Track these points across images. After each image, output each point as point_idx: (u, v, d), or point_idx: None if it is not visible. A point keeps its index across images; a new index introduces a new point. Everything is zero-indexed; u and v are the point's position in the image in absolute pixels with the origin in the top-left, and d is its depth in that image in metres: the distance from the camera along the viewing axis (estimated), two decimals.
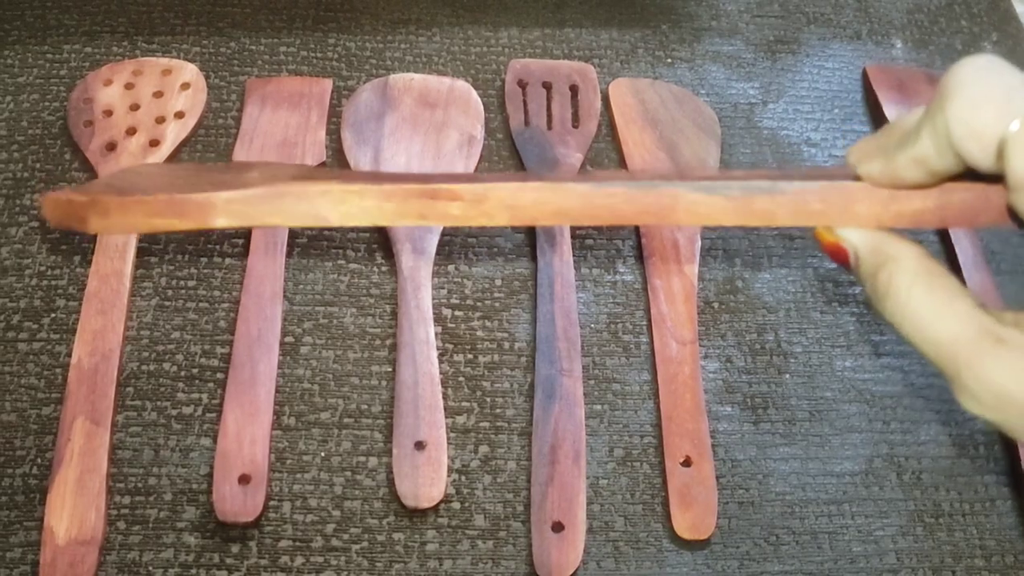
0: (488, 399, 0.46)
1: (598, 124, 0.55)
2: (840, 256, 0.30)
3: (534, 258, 0.50)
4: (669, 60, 0.60)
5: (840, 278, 0.51)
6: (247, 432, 0.42)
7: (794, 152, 0.56)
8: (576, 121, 0.55)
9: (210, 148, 0.53)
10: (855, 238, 0.29)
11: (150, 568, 0.40)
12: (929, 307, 0.27)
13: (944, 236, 0.52)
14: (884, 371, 0.49)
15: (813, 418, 0.47)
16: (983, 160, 0.25)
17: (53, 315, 0.46)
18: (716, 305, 0.50)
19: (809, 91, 0.60)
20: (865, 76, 0.60)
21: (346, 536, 0.42)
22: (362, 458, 0.43)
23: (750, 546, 0.43)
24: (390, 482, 0.43)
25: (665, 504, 0.43)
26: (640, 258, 0.50)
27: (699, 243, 0.50)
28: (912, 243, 0.28)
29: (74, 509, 0.40)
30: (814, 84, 0.60)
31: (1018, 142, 0.24)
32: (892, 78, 0.59)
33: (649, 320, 0.48)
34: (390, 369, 0.46)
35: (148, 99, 0.53)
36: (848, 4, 0.64)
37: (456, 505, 0.43)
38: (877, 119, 0.58)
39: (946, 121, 0.25)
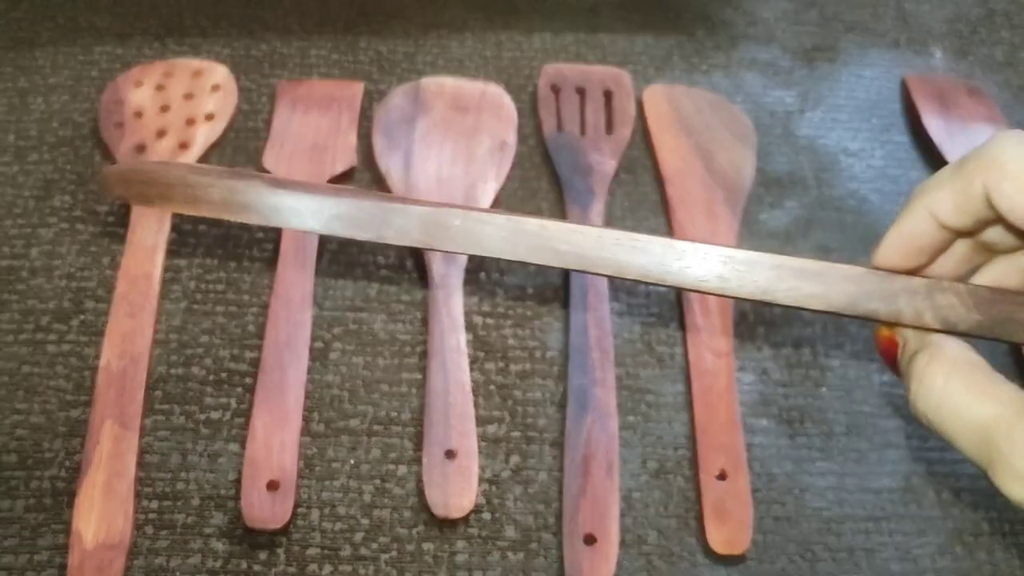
0: (519, 408, 0.45)
1: (632, 131, 0.54)
2: (891, 349, 0.31)
3: None
4: (704, 67, 0.59)
5: None
6: (276, 438, 0.42)
7: (832, 161, 0.55)
8: (610, 127, 0.54)
9: (240, 151, 0.52)
10: (909, 330, 0.30)
11: (177, 574, 0.39)
12: (967, 392, 0.27)
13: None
14: None
15: (850, 433, 0.46)
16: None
17: (82, 317, 0.46)
18: (752, 317, 0.49)
19: (847, 100, 0.59)
20: (904, 86, 0.59)
21: (375, 545, 0.41)
22: (391, 466, 0.43)
23: (786, 562, 0.42)
24: (420, 491, 0.42)
25: (699, 518, 0.42)
26: None
27: None
28: (959, 340, 0.29)
29: (102, 513, 0.40)
30: (852, 93, 0.59)
31: None
32: (931, 88, 0.58)
33: (683, 331, 0.48)
34: (420, 376, 0.45)
35: (178, 101, 0.53)
36: (887, 12, 0.64)
37: (487, 515, 0.42)
38: (916, 129, 0.57)
39: (989, 191, 0.27)
